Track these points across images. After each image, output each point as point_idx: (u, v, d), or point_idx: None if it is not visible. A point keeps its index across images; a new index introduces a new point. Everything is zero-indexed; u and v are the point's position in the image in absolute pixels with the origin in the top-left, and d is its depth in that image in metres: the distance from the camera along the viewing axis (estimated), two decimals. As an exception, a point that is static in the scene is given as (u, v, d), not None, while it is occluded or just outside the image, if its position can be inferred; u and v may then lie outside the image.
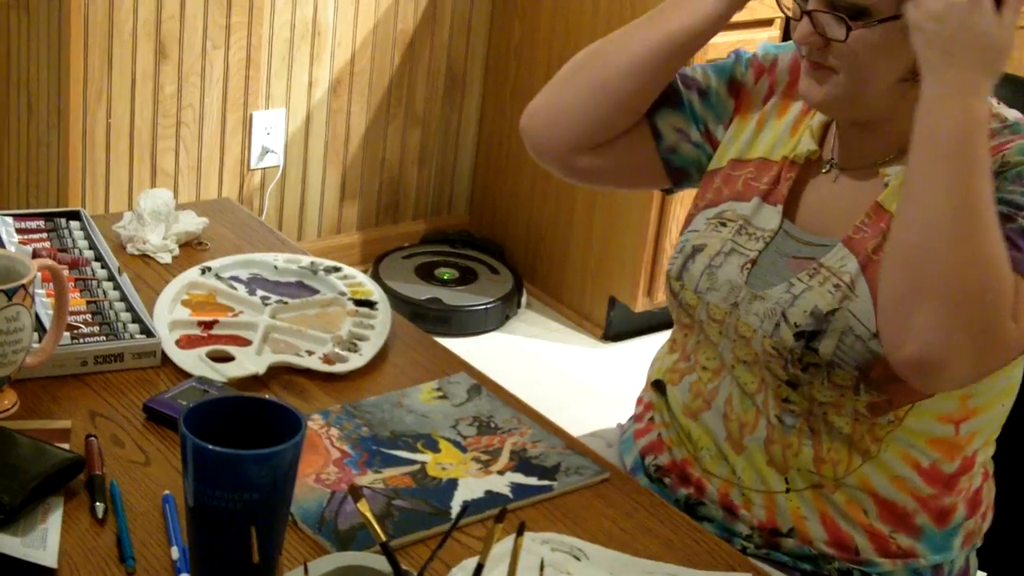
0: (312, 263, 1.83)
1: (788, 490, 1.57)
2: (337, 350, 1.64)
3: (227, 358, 1.60)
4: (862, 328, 1.49)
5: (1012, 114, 1.56)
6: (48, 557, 1.25)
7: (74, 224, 1.86)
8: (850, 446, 1.54)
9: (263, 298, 1.74)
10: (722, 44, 3.54)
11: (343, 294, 1.77)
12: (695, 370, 1.64)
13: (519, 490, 1.43)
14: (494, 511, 1.36)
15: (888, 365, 1.47)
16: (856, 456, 1.54)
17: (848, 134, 1.60)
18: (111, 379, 1.56)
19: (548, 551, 1.33)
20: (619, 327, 3.72)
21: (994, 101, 1.55)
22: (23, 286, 1.42)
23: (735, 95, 1.71)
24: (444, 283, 3.76)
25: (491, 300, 3.70)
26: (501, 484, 1.44)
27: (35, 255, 1.74)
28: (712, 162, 1.70)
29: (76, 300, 1.66)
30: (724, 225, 1.63)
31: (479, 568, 1.14)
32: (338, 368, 1.61)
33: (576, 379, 3.52)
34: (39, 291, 1.63)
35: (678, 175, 1.74)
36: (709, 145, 1.72)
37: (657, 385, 1.70)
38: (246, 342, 1.64)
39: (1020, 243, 1.43)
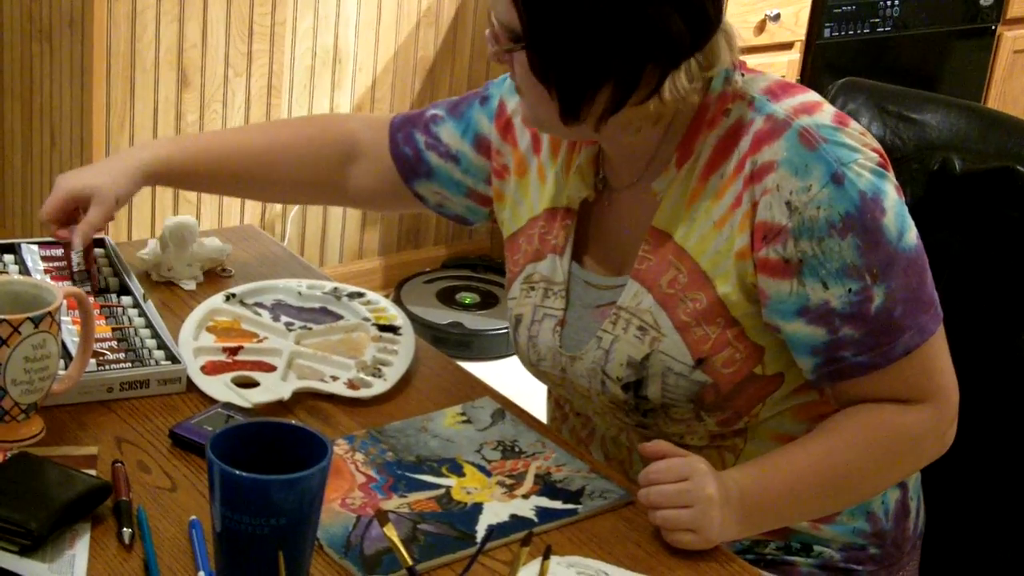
0: (336, 289, 1.84)
1: None
2: (361, 375, 1.65)
3: (252, 384, 1.61)
4: (679, 364, 1.48)
5: (758, 86, 1.47)
6: (76, 583, 1.26)
7: (99, 251, 1.87)
8: (719, 450, 1.54)
9: (287, 324, 1.74)
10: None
11: (367, 320, 1.77)
12: (569, 417, 1.66)
13: (544, 514, 1.43)
14: (519, 535, 1.36)
15: (719, 389, 1.47)
16: (728, 455, 1.54)
17: (609, 151, 1.55)
18: (137, 405, 1.57)
19: (574, 575, 1.33)
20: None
21: (738, 76, 1.47)
22: (49, 313, 1.42)
23: (486, 155, 1.68)
24: (465, 307, 3.77)
25: (512, 324, 3.70)
26: (526, 508, 1.44)
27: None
28: (512, 223, 1.67)
29: (101, 327, 1.67)
30: (533, 289, 1.62)
31: (506, 592, 1.14)
32: (362, 393, 1.62)
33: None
34: (65, 318, 1.64)
35: (461, 219, 1.76)
36: (477, 203, 1.72)
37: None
38: (271, 368, 1.64)
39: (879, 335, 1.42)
